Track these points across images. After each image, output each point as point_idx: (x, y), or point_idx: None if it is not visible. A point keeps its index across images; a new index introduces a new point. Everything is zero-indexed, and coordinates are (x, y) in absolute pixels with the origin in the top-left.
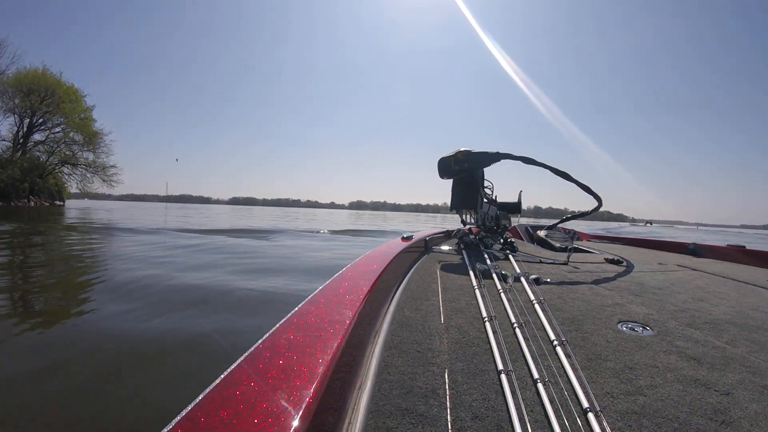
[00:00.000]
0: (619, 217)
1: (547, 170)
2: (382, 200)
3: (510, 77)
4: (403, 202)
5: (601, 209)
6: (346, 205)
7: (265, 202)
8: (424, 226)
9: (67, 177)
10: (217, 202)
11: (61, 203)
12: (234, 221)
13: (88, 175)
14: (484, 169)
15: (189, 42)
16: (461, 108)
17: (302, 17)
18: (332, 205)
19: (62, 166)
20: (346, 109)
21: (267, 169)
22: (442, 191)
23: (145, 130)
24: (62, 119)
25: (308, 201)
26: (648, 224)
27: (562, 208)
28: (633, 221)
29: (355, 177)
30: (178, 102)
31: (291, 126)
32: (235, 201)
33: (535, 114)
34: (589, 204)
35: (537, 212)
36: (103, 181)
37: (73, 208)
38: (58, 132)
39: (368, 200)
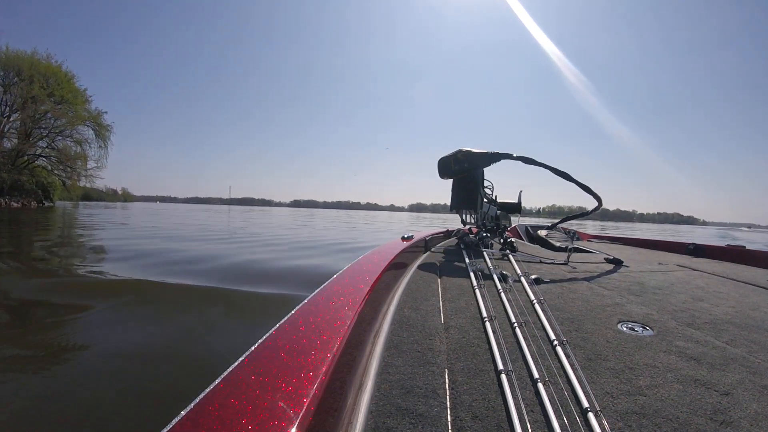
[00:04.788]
0: (690, 220)
1: (547, 170)
2: (442, 202)
3: (564, 75)
4: None
5: (671, 212)
6: (406, 207)
7: (326, 205)
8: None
9: (47, 172)
10: (279, 204)
11: (50, 204)
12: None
13: (67, 169)
14: (484, 169)
15: (249, 50)
16: (518, 107)
17: (359, 20)
18: (392, 208)
19: (35, 158)
20: (406, 111)
21: (327, 171)
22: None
23: (211, 135)
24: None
25: (368, 203)
26: (746, 229)
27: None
28: (704, 224)
29: (414, 179)
30: (242, 107)
31: (351, 129)
32: (296, 204)
33: (590, 111)
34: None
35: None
36: (70, 172)
37: (66, 213)
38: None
39: (428, 203)
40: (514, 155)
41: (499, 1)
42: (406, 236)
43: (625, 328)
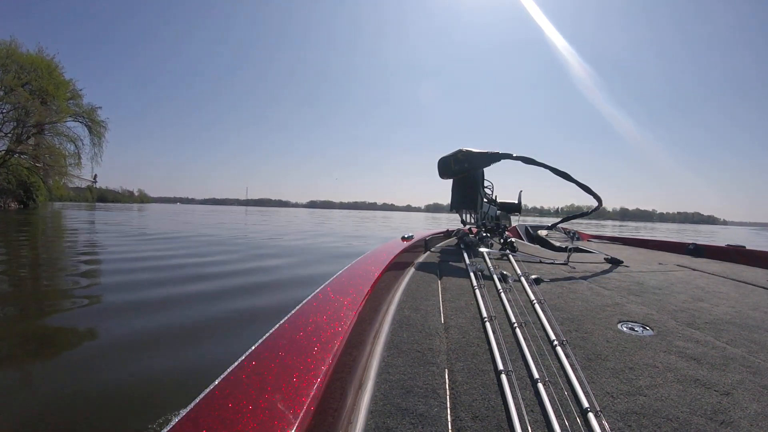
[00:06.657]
0: (710, 220)
1: (547, 170)
2: None
3: (579, 75)
4: None
5: (691, 211)
6: (422, 207)
7: (342, 206)
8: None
9: (29, 171)
10: (295, 205)
11: (34, 205)
12: None
13: (46, 167)
14: (484, 169)
15: (264, 52)
16: (532, 107)
17: (373, 20)
18: (408, 208)
19: (6, 154)
20: (422, 111)
21: (343, 172)
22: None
23: (227, 136)
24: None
25: (384, 204)
26: None
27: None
28: (725, 223)
29: (430, 179)
30: (258, 109)
31: (368, 129)
32: (312, 204)
33: (606, 111)
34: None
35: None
36: (49, 170)
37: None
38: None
39: (444, 203)
40: (514, 155)
41: (514, 1)
42: (406, 236)
43: (625, 328)
